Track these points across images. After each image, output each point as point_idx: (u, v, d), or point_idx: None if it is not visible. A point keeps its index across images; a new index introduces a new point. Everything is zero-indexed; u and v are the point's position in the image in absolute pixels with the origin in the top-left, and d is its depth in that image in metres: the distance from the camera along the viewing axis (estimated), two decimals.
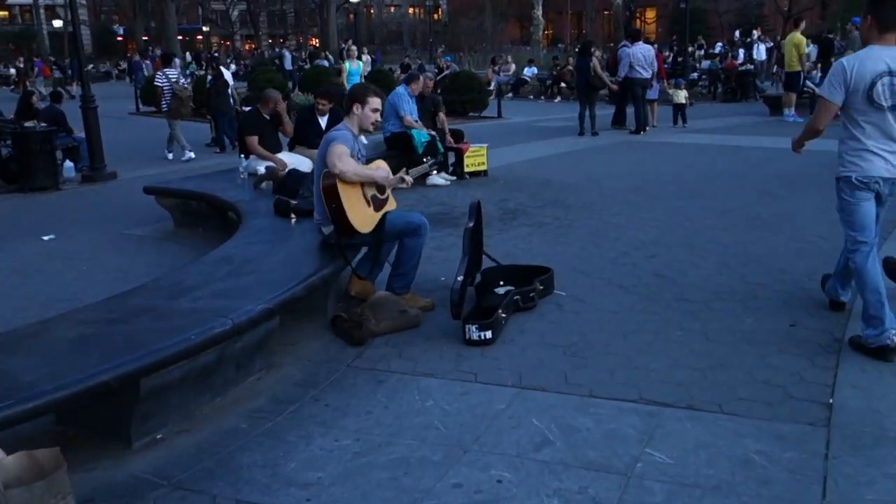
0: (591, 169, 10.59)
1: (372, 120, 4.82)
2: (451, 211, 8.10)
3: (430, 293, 5.27)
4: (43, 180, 10.74)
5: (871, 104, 3.90)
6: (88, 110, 11.38)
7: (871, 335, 3.94)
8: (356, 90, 4.84)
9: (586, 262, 5.97)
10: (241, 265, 4.46)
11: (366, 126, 4.85)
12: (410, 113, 9.63)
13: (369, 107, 4.78)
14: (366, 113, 4.78)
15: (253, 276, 4.26)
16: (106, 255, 6.94)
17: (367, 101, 4.77)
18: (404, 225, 4.85)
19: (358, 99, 4.77)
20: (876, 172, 3.97)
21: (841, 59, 4.14)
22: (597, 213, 7.75)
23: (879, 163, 3.96)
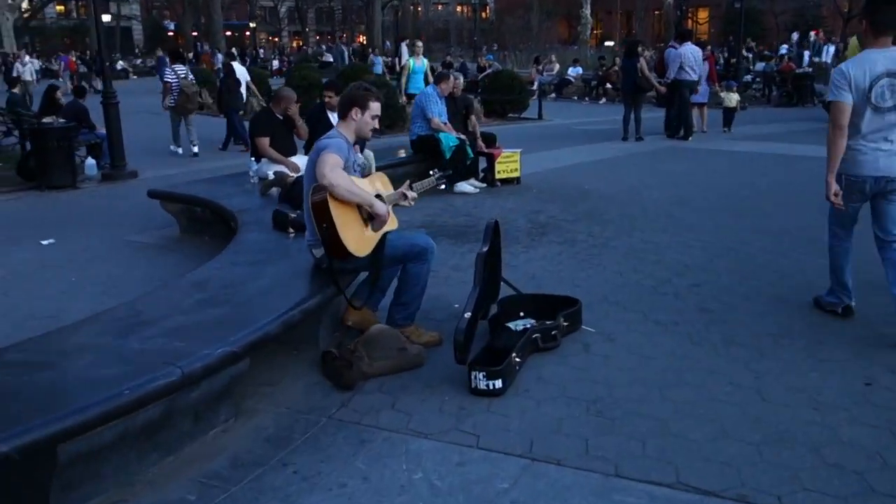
0: (633, 178, 9.82)
1: (371, 127, 4.20)
2: (477, 223, 7.42)
3: (439, 324, 4.63)
4: (60, 178, 10.37)
5: (871, 106, 4.10)
6: (109, 106, 10.99)
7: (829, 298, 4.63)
8: (355, 92, 4.20)
9: (621, 290, 5.25)
10: (217, 292, 3.87)
11: (364, 134, 4.22)
12: (439, 115, 8.98)
13: (370, 112, 4.15)
14: (365, 119, 4.15)
15: (226, 307, 3.66)
16: (101, 264, 6.44)
17: (367, 105, 4.14)
18: (407, 248, 4.20)
19: (357, 102, 4.14)
20: (866, 172, 4.18)
21: (839, 66, 4.32)
22: (636, 229, 7.00)
23: (872, 163, 4.17)
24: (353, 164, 4.15)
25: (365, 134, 4.22)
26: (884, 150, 4.16)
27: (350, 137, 4.18)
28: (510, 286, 4.84)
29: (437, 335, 4.35)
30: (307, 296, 3.80)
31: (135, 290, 5.38)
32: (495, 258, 4.65)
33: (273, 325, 3.42)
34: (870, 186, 4.22)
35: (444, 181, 4.65)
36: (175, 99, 12.85)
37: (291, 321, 3.55)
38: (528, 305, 4.68)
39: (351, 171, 4.09)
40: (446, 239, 6.82)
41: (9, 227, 7.98)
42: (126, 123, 13.73)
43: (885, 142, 4.15)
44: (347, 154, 4.04)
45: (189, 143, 13.09)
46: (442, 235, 6.95)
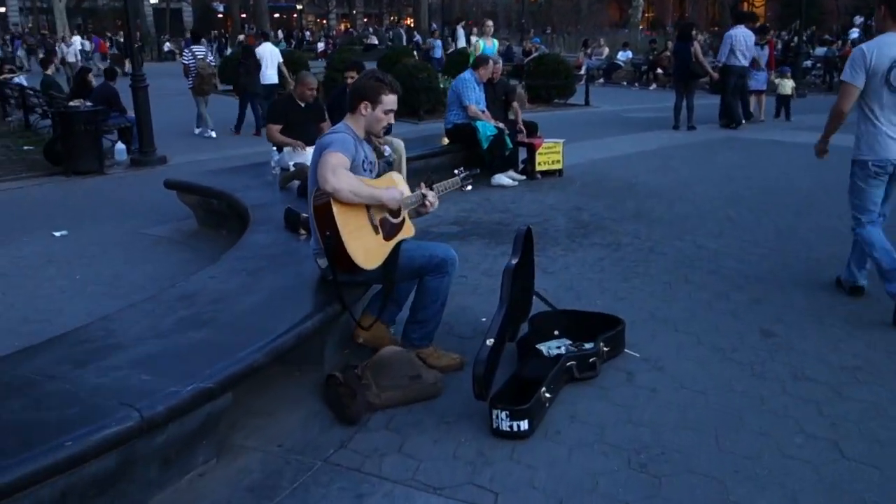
0: (684, 171, 9.12)
1: (384, 124, 3.66)
2: (513, 221, 6.86)
3: (462, 343, 4.11)
4: (87, 164, 10.08)
5: (889, 87, 4.17)
6: (138, 90, 10.64)
7: (893, 288, 4.26)
8: (366, 83, 3.66)
9: (670, 305, 4.65)
10: (204, 308, 3.39)
11: (375, 131, 3.70)
12: (477, 102, 8.41)
13: (382, 107, 3.62)
14: (376, 115, 3.62)
15: (210, 328, 3.17)
16: (110, 260, 6.05)
17: (379, 99, 3.60)
18: (424, 259, 3.67)
19: (367, 95, 3.61)
20: (892, 155, 4.22)
21: (860, 46, 4.38)
22: (688, 231, 6.36)
23: (893, 145, 4.21)
24: (364, 162, 3.62)
25: (376, 131, 3.69)
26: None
27: (359, 133, 3.66)
28: (544, 301, 4.28)
29: (458, 358, 3.82)
30: (306, 316, 3.29)
31: (137, 292, 5.01)
32: (526, 271, 4.09)
33: (259, 353, 2.92)
34: (893, 170, 4.30)
35: (471, 182, 4.08)
36: (192, 80, 12.90)
37: (283, 348, 3.05)
38: (563, 323, 4.12)
39: (360, 170, 3.57)
40: (478, 239, 6.28)
41: (25, 216, 7.67)
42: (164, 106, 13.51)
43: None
44: (355, 151, 3.52)
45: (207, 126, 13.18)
46: (474, 235, 6.41)
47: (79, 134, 9.96)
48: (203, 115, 13.16)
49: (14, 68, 18.15)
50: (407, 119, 15.27)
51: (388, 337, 3.97)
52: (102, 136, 11.40)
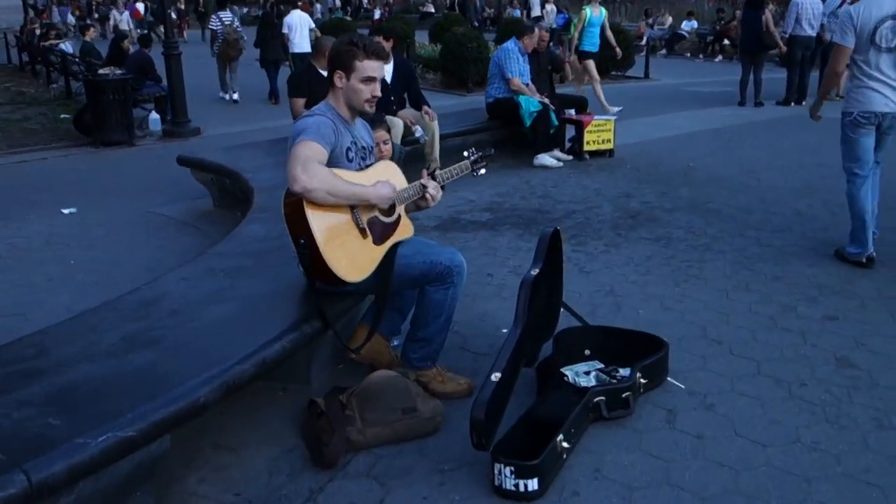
0: (750, 155, 8.27)
1: (366, 96, 3.04)
2: (553, 209, 6.18)
3: (476, 361, 3.52)
4: (116, 134, 9.73)
5: (874, 46, 4.38)
6: (171, 57, 10.20)
7: (853, 252, 4.66)
8: (337, 48, 3.04)
9: (726, 320, 3.96)
10: (158, 321, 2.85)
11: (357, 105, 3.07)
12: (520, 74, 7.70)
13: (357, 75, 2.99)
14: (353, 86, 3.00)
15: (156, 350, 2.62)
16: (111, 243, 5.61)
17: (352, 65, 2.98)
18: (425, 267, 3.06)
19: (338, 63, 3.00)
20: (876, 108, 4.45)
21: (848, 7, 4.70)
22: (751, 226, 5.60)
23: (879, 99, 4.43)
24: (349, 150, 3.01)
25: (358, 105, 3.06)
26: (892, 86, 4.44)
27: (343, 112, 3.05)
28: (573, 315, 3.64)
29: (466, 384, 3.23)
30: (275, 337, 2.71)
31: (127, 283, 4.52)
32: (552, 281, 3.44)
33: (206, 388, 2.37)
34: (880, 121, 4.51)
35: (484, 165, 3.44)
36: (219, 45, 12.96)
37: (239, 379, 2.49)
38: (595, 341, 3.48)
39: (343, 159, 2.97)
40: (511, 229, 5.63)
41: (41, 190, 7.31)
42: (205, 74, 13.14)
43: (891, 80, 4.43)
44: (335, 137, 2.91)
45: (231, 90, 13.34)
46: (507, 224, 5.77)
47: (108, 103, 9.59)
48: (224, 79, 13.35)
49: (60, 33, 17.94)
50: (455, 91, 14.60)
51: (387, 353, 3.40)
52: (136, 105, 11.10)
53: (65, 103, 13.17)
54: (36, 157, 9.12)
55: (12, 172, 8.24)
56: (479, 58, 14.31)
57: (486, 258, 5.00)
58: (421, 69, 16.67)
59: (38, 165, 8.67)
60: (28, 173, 8.18)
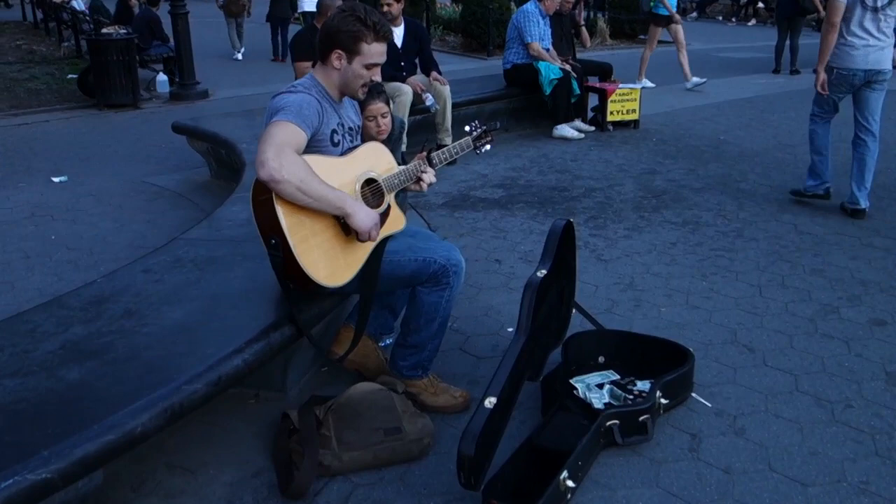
0: (784, 127, 7.74)
1: (364, 82, 2.62)
2: (571, 186, 5.74)
3: (477, 366, 3.14)
4: (120, 96, 9.38)
5: (862, 5, 4.63)
6: (177, 17, 9.75)
7: (811, 185, 5.14)
8: (341, 24, 2.56)
9: (759, 321, 3.53)
10: (108, 325, 2.48)
11: (352, 92, 2.66)
12: (540, 38, 7.19)
13: (362, 60, 2.57)
14: (355, 70, 2.58)
15: (97, 362, 2.26)
16: (98, 215, 5.27)
17: (358, 48, 2.56)
18: (416, 266, 2.66)
19: (342, 43, 2.56)
20: (854, 65, 4.70)
21: None
22: (787, 210, 5.14)
23: (858, 56, 4.68)
24: (335, 133, 2.60)
25: (352, 92, 2.65)
26: (873, 45, 4.65)
27: (332, 91, 2.64)
28: (587, 317, 3.23)
29: (461, 396, 2.85)
30: (237, 347, 2.34)
31: (107, 263, 4.25)
32: (563, 281, 3.04)
33: (144, 416, 2.00)
34: (859, 79, 4.74)
35: (489, 142, 3.02)
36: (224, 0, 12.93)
37: (188, 403, 2.12)
38: (610, 347, 3.09)
39: (328, 144, 2.56)
40: (525, 208, 5.21)
41: (35, 155, 6.98)
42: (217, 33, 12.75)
43: (874, 38, 4.64)
44: (319, 119, 2.51)
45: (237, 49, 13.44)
46: (521, 202, 5.35)
47: (112, 64, 9.22)
48: (231, 37, 13.34)
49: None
50: (475, 55, 14.08)
51: (375, 356, 3.02)
52: (145, 66, 10.75)
53: (74, 63, 12.81)
54: (38, 120, 8.80)
55: (11, 135, 7.91)
56: (502, 20, 13.74)
57: (495, 241, 4.60)
58: (440, 31, 16.11)
59: (38, 128, 8.33)
60: (27, 137, 7.85)
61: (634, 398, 2.77)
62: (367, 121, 3.88)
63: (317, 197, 2.35)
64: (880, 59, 4.69)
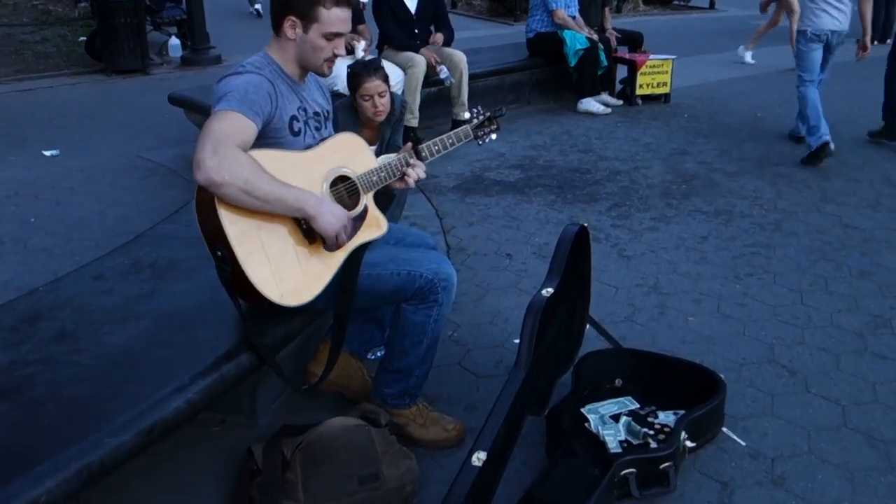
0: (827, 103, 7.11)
1: (326, 55, 2.22)
2: (594, 167, 5.30)
3: (476, 385, 2.77)
4: (128, 62, 9.02)
5: None
6: None
7: (814, 141, 5.29)
8: None
9: (801, 337, 3.11)
10: (41, 349, 2.14)
11: (312, 65, 2.25)
12: (566, 6, 6.69)
13: (320, 28, 2.17)
14: (312, 41, 2.18)
15: (14, 400, 1.91)
16: (85, 194, 4.94)
17: (315, 14, 2.15)
18: (399, 281, 2.27)
19: (295, 7, 2.16)
20: (825, 26, 5.31)
21: None
22: (830, 198, 4.67)
23: (827, 18, 5.28)
24: (295, 120, 2.21)
25: (314, 66, 2.24)
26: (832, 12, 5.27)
27: (288, 67, 2.24)
28: (603, 334, 2.83)
29: (454, 428, 2.48)
30: (179, 387, 1.97)
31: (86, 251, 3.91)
32: (574, 296, 2.63)
33: (51, 482, 1.64)
34: (827, 38, 5.34)
35: (494, 130, 2.62)
36: None
37: (110, 460, 1.76)
38: (628, 368, 2.69)
39: (286, 134, 2.17)
40: (543, 193, 4.79)
41: (33, 124, 6.66)
42: None
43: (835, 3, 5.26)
44: (273, 103, 2.11)
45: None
46: (539, 185, 4.93)
47: (119, 27, 8.83)
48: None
49: None
50: (501, 20, 13.50)
51: (358, 376, 2.66)
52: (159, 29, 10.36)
53: (88, 25, 12.44)
54: (42, 86, 8.48)
55: (12, 102, 7.60)
56: None
57: (507, 232, 4.20)
58: None
59: (42, 95, 8.02)
60: (28, 104, 7.54)
61: (655, 434, 2.38)
62: (363, 101, 3.49)
63: (268, 199, 1.97)
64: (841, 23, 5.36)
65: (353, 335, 2.67)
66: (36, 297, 2.46)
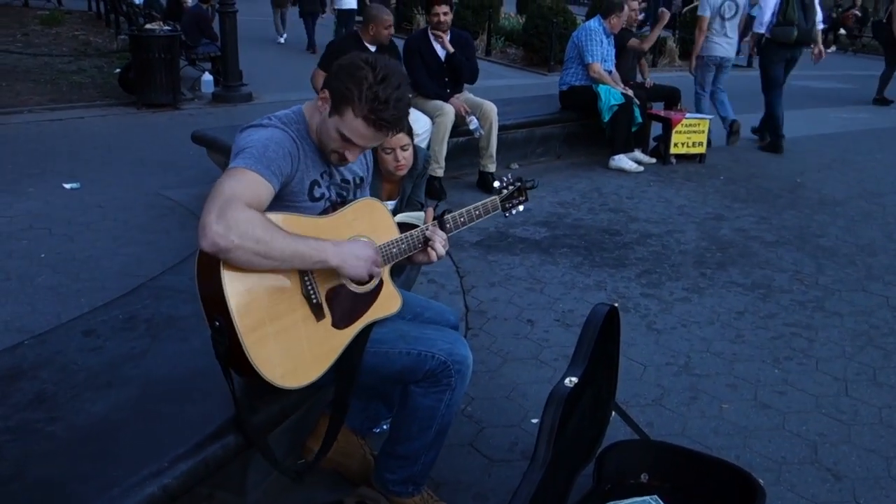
0: (871, 170, 6.93)
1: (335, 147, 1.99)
2: (624, 229, 5.08)
3: (489, 470, 2.53)
4: (160, 96, 9.01)
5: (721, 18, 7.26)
6: (225, 15, 9.35)
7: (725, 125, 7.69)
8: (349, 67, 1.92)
9: (847, 435, 2.84)
10: (12, 416, 1.95)
11: (324, 146, 2.04)
12: (602, 59, 6.55)
13: (341, 124, 1.94)
14: (329, 126, 1.96)
15: None
16: (100, 231, 4.81)
17: (343, 111, 1.93)
18: (409, 362, 2.07)
19: (333, 87, 1.94)
20: (715, 53, 7.34)
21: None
22: (877, 275, 4.41)
23: (717, 48, 7.33)
24: (314, 186, 2.02)
25: (325, 148, 2.02)
26: (724, 44, 7.33)
27: (316, 136, 2.05)
28: (628, 422, 2.59)
29: None
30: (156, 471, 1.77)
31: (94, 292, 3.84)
32: (600, 381, 2.41)
33: None
34: (717, 63, 7.40)
35: (523, 202, 2.43)
36: None
37: None
38: (656, 462, 2.45)
39: (304, 199, 1.99)
40: (569, 254, 4.58)
41: (58, 155, 6.59)
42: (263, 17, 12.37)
43: (726, 38, 7.30)
44: (292, 165, 1.93)
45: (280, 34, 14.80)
46: (565, 246, 4.72)
47: (153, 61, 8.85)
48: (276, 23, 14.83)
49: None
50: (535, 69, 13.45)
51: (358, 455, 2.45)
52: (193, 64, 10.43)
53: (125, 57, 12.58)
54: (73, 116, 8.48)
55: (41, 131, 7.59)
56: (565, 34, 13.08)
57: (530, 296, 3.98)
58: (502, 42, 15.53)
59: (70, 125, 8.00)
60: (56, 134, 7.52)
61: None
62: (385, 153, 3.31)
63: (283, 256, 1.79)
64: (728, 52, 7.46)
65: (357, 411, 2.47)
66: (19, 351, 2.28)
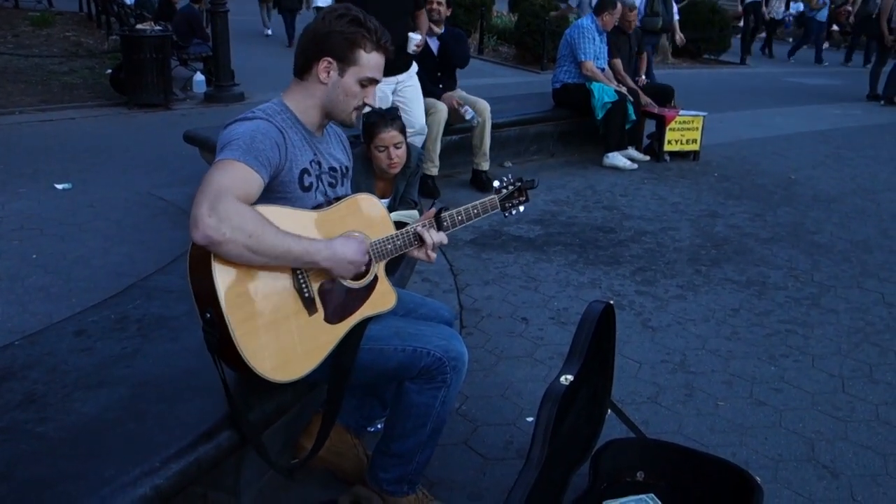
0: (864, 167, 6.94)
1: (357, 104, 2.05)
2: (618, 227, 5.07)
3: (483, 468, 2.50)
4: (152, 96, 8.97)
5: None
6: (216, 15, 9.30)
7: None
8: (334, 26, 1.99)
9: (843, 432, 2.83)
10: (3, 416, 1.91)
11: (340, 115, 2.08)
12: (595, 57, 6.54)
13: (357, 72, 2.01)
14: (346, 85, 2.02)
15: None
16: (92, 231, 4.78)
17: (355, 56, 2.00)
18: (404, 358, 2.05)
19: (334, 49, 1.99)
20: None
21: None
22: (871, 271, 4.40)
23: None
24: (304, 175, 2.01)
25: (341, 115, 2.06)
26: None
27: (305, 116, 2.05)
28: (624, 420, 2.57)
29: None
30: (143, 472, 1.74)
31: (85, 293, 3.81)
32: (596, 379, 2.39)
33: None
34: None
35: (523, 202, 2.41)
36: None
37: None
38: (652, 460, 2.43)
39: (295, 189, 1.97)
40: (563, 252, 4.57)
41: (49, 156, 6.55)
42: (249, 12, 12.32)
43: None
44: (280, 155, 1.92)
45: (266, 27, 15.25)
46: (559, 244, 4.71)
47: (144, 62, 8.81)
48: (263, 17, 15.34)
49: None
50: (528, 67, 13.43)
51: (351, 453, 2.42)
52: (185, 64, 10.38)
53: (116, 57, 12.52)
54: (64, 117, 8.44)
55: (32, 132, 7.54)
56: (558, 32, 13.07)
57: (524, 294, 3.97)
58: (494, 41, 15.51)
59: (62, 126, 7.96)
60: (47, 135, 7.47)
61: None
62: (378, 151, 3.31)
63: (274, 253, 1.79)
64: None
65: (352, 409, 2.45)
66: (9, 352, 2.26)
